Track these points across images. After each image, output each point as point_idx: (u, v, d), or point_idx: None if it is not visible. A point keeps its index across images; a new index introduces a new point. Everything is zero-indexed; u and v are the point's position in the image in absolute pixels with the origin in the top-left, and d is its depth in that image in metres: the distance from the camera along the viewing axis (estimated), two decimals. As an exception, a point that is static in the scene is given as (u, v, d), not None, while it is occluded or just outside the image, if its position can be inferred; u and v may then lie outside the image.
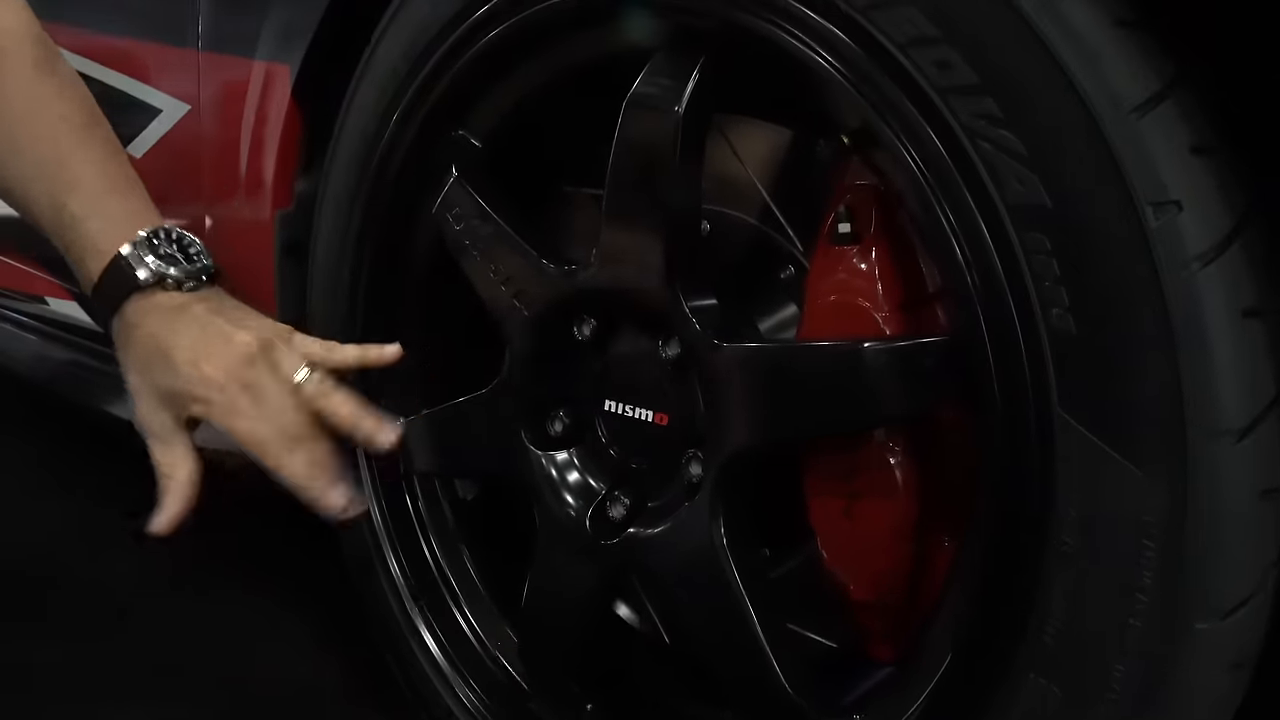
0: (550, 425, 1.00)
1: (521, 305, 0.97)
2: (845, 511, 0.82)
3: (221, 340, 0.90)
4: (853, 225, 0.80)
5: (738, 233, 0.96)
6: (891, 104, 0.70)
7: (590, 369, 0.97)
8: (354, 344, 0.98)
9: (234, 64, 1.19)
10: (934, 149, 0.69)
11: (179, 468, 0.91)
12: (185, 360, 0.89)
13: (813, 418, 0.79)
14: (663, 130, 0.83)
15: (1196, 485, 0.62)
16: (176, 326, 0.90)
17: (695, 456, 0.90)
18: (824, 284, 0.82)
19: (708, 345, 0.84)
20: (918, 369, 0.74)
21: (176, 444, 0.91)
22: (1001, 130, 0.66)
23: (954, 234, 0.69)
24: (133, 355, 0.92)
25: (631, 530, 0.94)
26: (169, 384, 0.90)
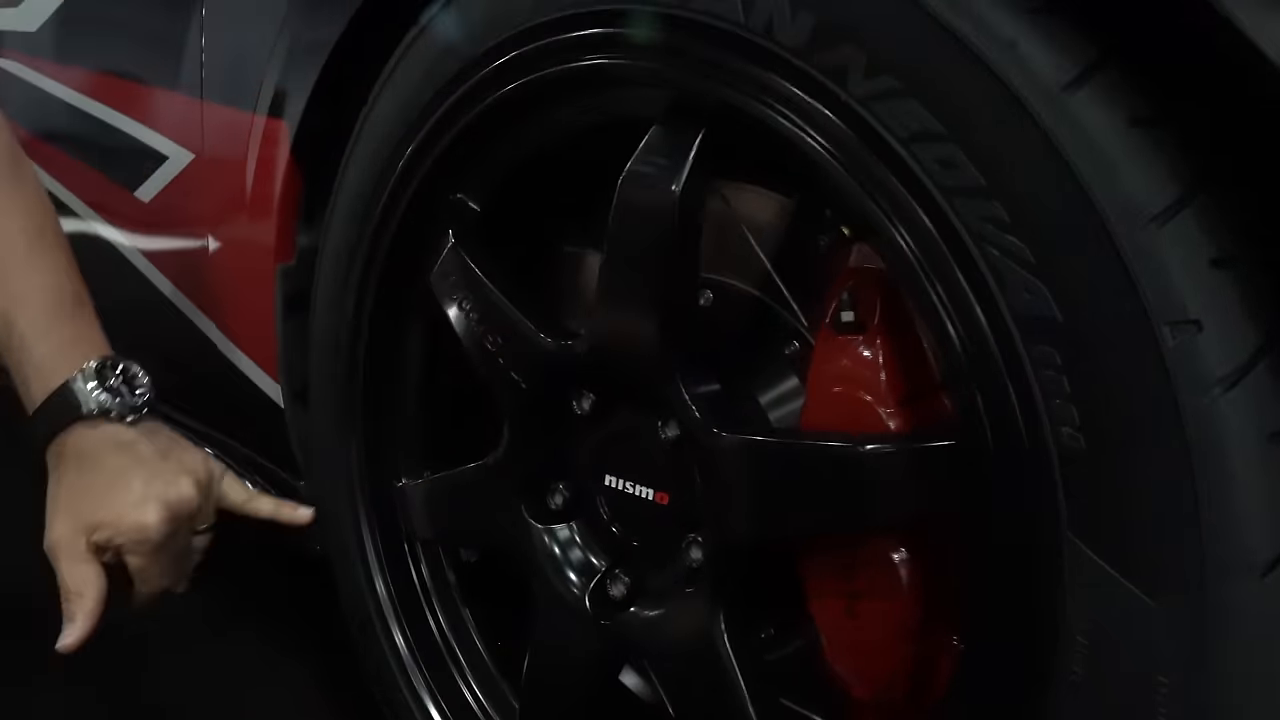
0: (550, 499, 0.97)
1: (519, 378, 0.94)
2: (847, 610, 0.78)
3: (169, 489, 0.97)
4: (856, 313, 0.77)
5: (740, 304, 0.93)
6: (893, 200, 0.66)
7: (590, 443, 0.94)
8: (270, 499, 1.10)
9: (235, 116, 1.18)
10: (938, 250, 0.65)
11: (89, 586, 0.96)
12: (130, 504, 0.95)
13: (811, 516, 0.75)
14: (659, 209, 0.79)
15: (1216, 621, 0.59)
16: (123, 465, 0.95)
17: (696, 541, 0.87)
18: (826, 372, 0.78)
19: (706, 433, 0.81)
20: (921, 472, 0.70)
21: (88, 565, 0.96)
22: (1009, 236, 0.62)
23: (959, 341, 0.65)
24: (67, 481, 0.97)
25: (632, 610, 0.91)
26: (101, 518, 0.95)
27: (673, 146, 0.79)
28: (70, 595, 0.97)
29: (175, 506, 0.97)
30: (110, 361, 0.98)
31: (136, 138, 1.36)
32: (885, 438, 0.73)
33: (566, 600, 0.94)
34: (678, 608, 0.87)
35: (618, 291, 0.84)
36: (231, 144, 1.19)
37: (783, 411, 0.90)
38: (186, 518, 0.99)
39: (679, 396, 0.82)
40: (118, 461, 0.96)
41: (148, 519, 0.96)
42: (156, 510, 0.96)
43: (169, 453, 0.99)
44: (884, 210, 0.67)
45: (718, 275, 0.91)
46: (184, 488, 0.98)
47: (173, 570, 1.01)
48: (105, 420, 0.96)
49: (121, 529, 0.96)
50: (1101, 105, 0.60)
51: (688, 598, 0.86)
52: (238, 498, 1.06)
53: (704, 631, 0.83)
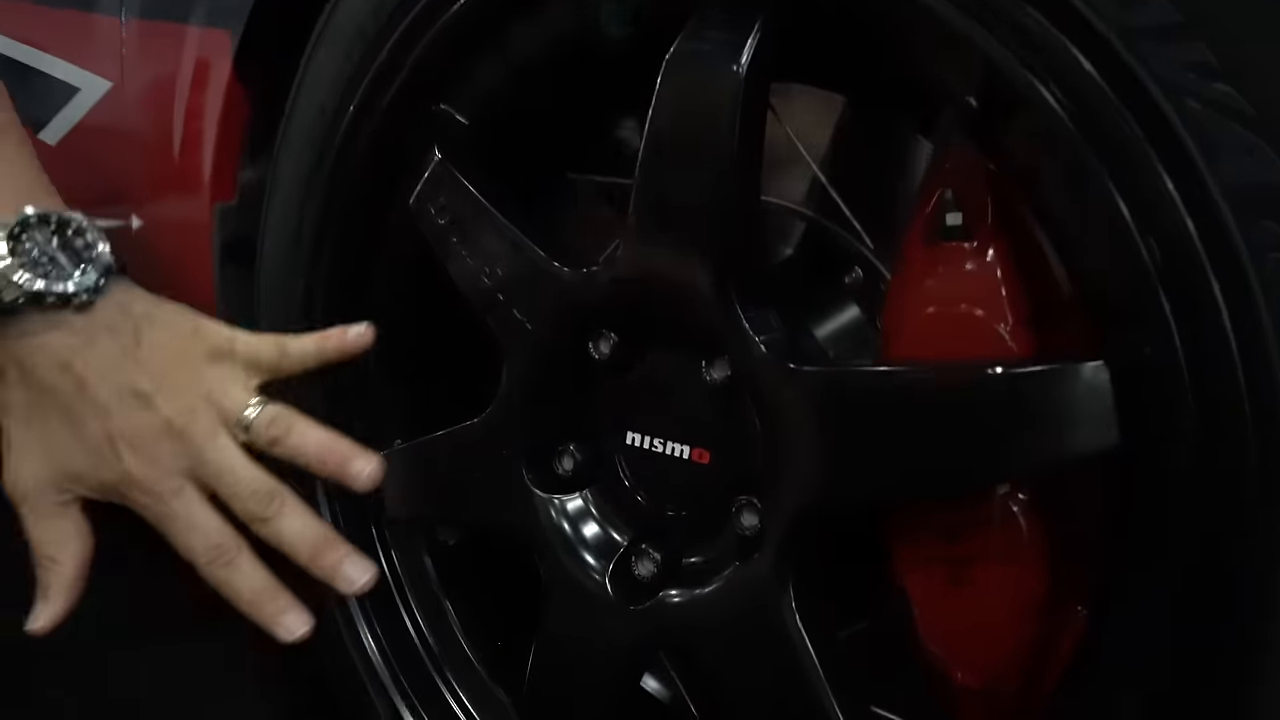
0: (558, 463, 0.82)
1: (524, 318, 0.79)
2: (951, 578, 0.65)
3: (145, 412, 0.68)
4: (964, 216, 0.63)
5: (788, 227, 0.79)
6: (1047, 53, 0.53)
7: (610, 395, 0.79)
8: (308, 333, 0.77)
9: (163, 30, 1.00)
10: (1111, 112, 0.52)
11: (65, 549, 0.71)
12: (101, 441, 0.68)
13: (933, 469, 0.61)
14: (718, 97, 0.65)
15: None
16: (83, 379, 0.68)
17: (750, 504, 0.72)
18: (920, 290, 0.65)
19: (774, 370, 0.67)
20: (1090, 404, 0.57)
21: (63, 519, 0.70)
22: (1217, 84, 0.49)
23: (1137, 231, 0.52)
24: (15, 401, 0.69)
25: (667, 592, 0.76)
26: (76, 466, 0.69)
27: (733, 17, 0.65)
28: (41, 559, 0.71)
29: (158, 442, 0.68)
30: (34, 219, 0.68)
31: (39, 68, 1.17)
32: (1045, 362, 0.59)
33: (582, 585, 0.79)
34: (731, 584, 0.72)
35: (661, 201, 0.69)
36: (158, 65, 1.01)
37: (844, 350, 0.77)
38: (188, 440, 0.70)
39: (735, 325, 0.68)
40: (76, 378, 0.67)
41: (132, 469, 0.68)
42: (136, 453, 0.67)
43: (140, 341, 0.70)
44: (1031, 68, 0.54)
45: (766, 195, 0.77)
46: (163, 407, 0.68)
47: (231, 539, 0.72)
48: (40, 309, 0.67)
49: (109, 484, 0.69)
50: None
51: (743, 572, 0.71)
52: (270, 357, 0.75)
53: (768, 614, 0.69)
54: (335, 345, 0.77)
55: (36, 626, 0.71)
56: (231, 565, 0.71)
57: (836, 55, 0.71)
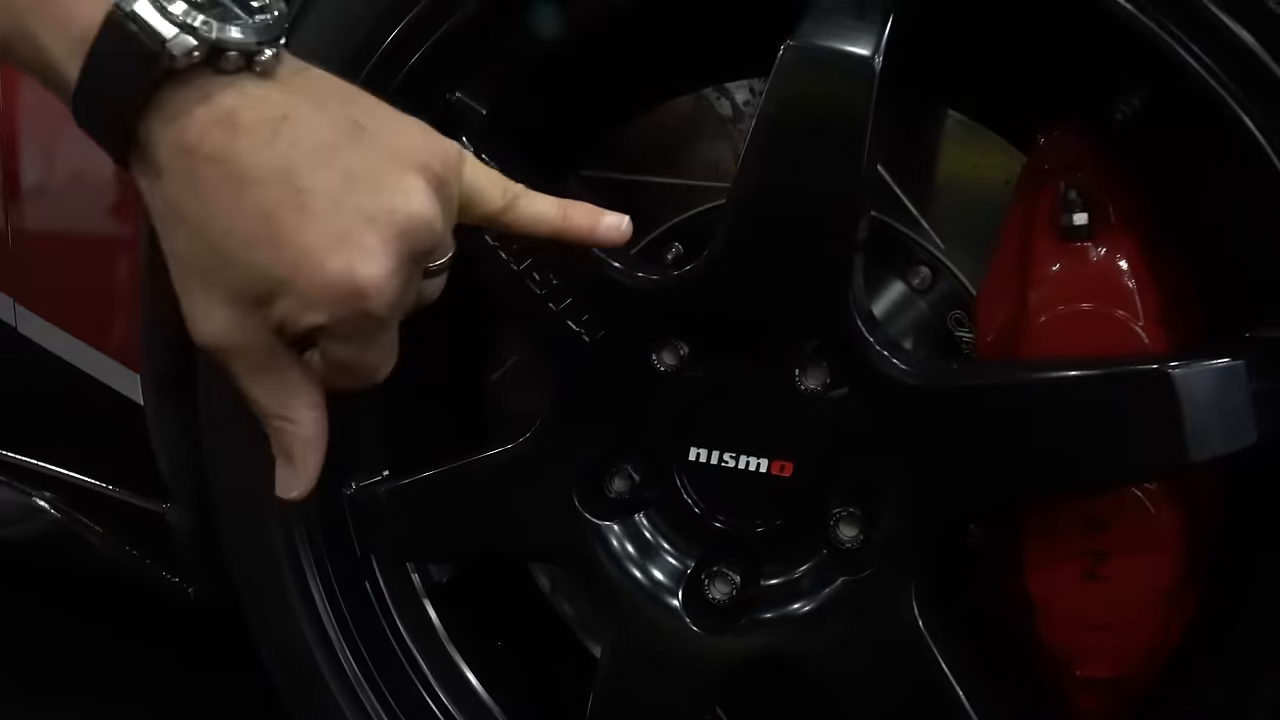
0: (611, 484, 0.75)
1: (581, 328, 0.72)
2: (1087, 573, 0.65)
3: (392, 203, 0.52)
4: (1090, 215, 0.64)
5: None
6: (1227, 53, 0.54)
7: (672, 408, 0.73)
8: (548, 199, 0.63)
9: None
10: None
11: (297, 402, 0.56)
12: (325, 243, 0.51)
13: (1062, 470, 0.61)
14: (848, 86, 0.62)
15: None
16: (288, 165, 0.51)
17: (849, 515, 0.70)
18: (1048, 290, 0.65)
19: (901, 372, 0.64)
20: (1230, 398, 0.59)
21: (290, 370, 0.56)
22: None
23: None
24: (189, 210, 0.52)
25: (753, 615, 0.72)
26: (280, 274, 0.52)
27: (863, 6, 0.62)
28: (271, 421, 0.57)
29: (408, 236, 0.53)
30: None
31: None
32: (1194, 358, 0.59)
33: (650, 615, 0.73)
34: (843, 599, 0.69)
35: (772, 198, 0.65)
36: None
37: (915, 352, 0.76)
38: (426, 253, 0.55)
39: (857, 335, 0.65)
40: (275, 159, 0.51)
41: (365, 270, 0.52)
42: (380, 249, 0.52)
43: (363, 126, 0.54)
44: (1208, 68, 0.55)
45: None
46: (415, 198, 0.53)
47: (392, 347, 0.57)
48: (215, 72, 0.51)
49: (317, 294, 0.52)
50: None
51: (856, 585, 0.69)
52: (491, 200, 0.60)
53: (892, 622, 0.67)
54: (582, 225, 0.63)
55: (291, 495, 0.58)
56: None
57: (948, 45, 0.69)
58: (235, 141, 0.51)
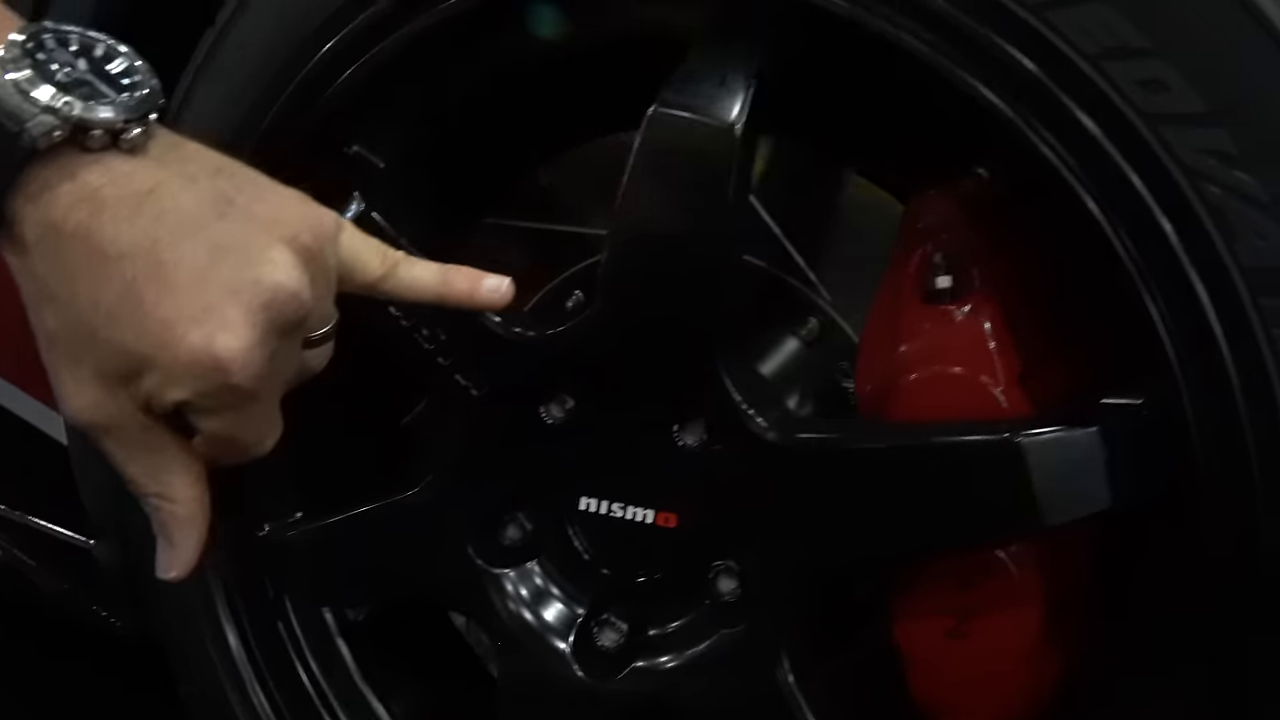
0: (504, 533, 0.77)
1: (468, 382, 0.74)
2: (952, 632, 0.66)
3: (256, 275, 0.52)
4: (954, 278, 0.64)
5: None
6: (1072, 134, 0.55)
7: (560, 458, 0.75)
8: (431, 265, 0.63)
9: None
10: (1132, 192, 0.54)
11: (178, 477, 0.56)
12: (188, 316, 0.51)
13: (934, 534, 0.62)
14: (710, 154, 0.63)
15: None
16: (153, 240, 0.51)
17: (728, 569, 0.71)
18: (911, 353, 0.65)
19: (768, 436, 0.65)
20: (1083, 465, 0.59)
21: (163, 449, 0.56)
22: (1237, 172, 0.52)
23: (1155, 304, 0.55)
24: (54, 288, 0.53)
25: (639, 664, 0.73)
26: (140, 349, 0.52)
27: (725, 71, 0.63)
28: (147, 499, 0.57)
29: (273, 307, 0.53)
30: (50, 34, 0.53)
31: None
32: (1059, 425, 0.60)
33: (541, 662, 0.75)
34: (716, 651, 0.70)
35: (641, 261, 0.66)
36: None
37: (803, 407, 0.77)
38: (294, 324, 0.55)
39: (724, 394, 0.66)
40: (138, 234, 0.51)
41: (225, 343, 0.52)
42: (242, 321, 0.52)
43: (232, 200, 0.54)
44: (1053, 147, 0.55)
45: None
46: (281, 269, 0.53)
47: (270, 420, 0.58)
48: (80, 150, 0.52)
49: (178, 369, 0.52)
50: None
51: (730, 638, 0.70)
52: (371, 269, 0.60)
53: (760, 677, 0.68)
54: (463, 290, 0.63)
55: (170, 575, 0.58)
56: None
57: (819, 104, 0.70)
58: (99, 218, 0.52)
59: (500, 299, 0.64)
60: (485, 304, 0.65)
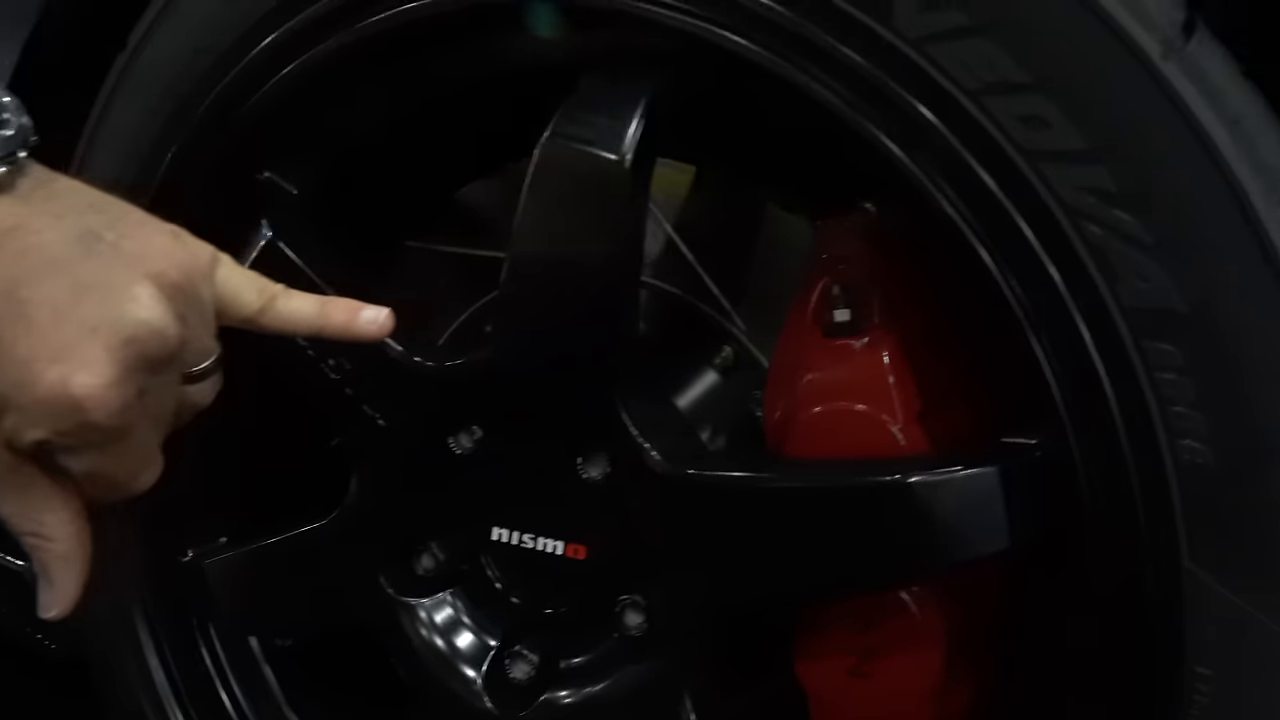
0: (417, 563, 0.76)
1: (375, 413, 0.73)
2: (853, 671, 0.65)
3: (118, 313, 0.52)
4: (852, 311, 0.63)
5: (653, 303, 0.77)
6: (954, 170, 0.53)
7: (472, 488, 0.74)
8: (307, 297, 0.62)
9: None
10: (1015, 230, 0.52)
11: (54, 517, 0.55)
12: (45, 357, 0.51)
13: (830, 573, 0.61)
14: (600, 186, 0.62)
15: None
16: (13, 279, 0.51)
17: (634, 604, 0.70)
18: (810, 387, 0.64)
19: (664, 473, 0.64)
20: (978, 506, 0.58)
21: (34, 488, 0.55)
22: (1117, 211, 0.51)
23: (1039, 344, 0.53)
24: None
25: (549, 697, 0.72)
26: None
27: (614, 101, 0.62)
28: (25, 539, 0.56)
29: (135, 344, 0.53)
30: None
31: None
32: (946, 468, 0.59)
33: (452, 694, 0.74)
34: (620, 687, 0.69)
35: (535, 289, 0.65)
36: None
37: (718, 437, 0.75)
38: (161, 361, 0.54)
39: (621, 428, 0.65)
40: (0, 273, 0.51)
41: (82, 380, 0.51)
42: (101, 358, 0.52)
43: (100, 237, 0.53)
44: (941, 185, 0.54)
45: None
46: (144, 305, 0.53)
47: (144, 457, 0.57)
48: None
49: (36, 408, 0.52)
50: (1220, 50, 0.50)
51: (633, 673, 0.69)
52: (247, 303, 0.60)
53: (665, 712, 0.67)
54: (339, 322, 0.62)
55: (50, 614, 0.57)
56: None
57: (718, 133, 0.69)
58: None
59: (378, 329, 0.63)
60: (363, 335, 0.63)
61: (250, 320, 0.61)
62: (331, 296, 0.64)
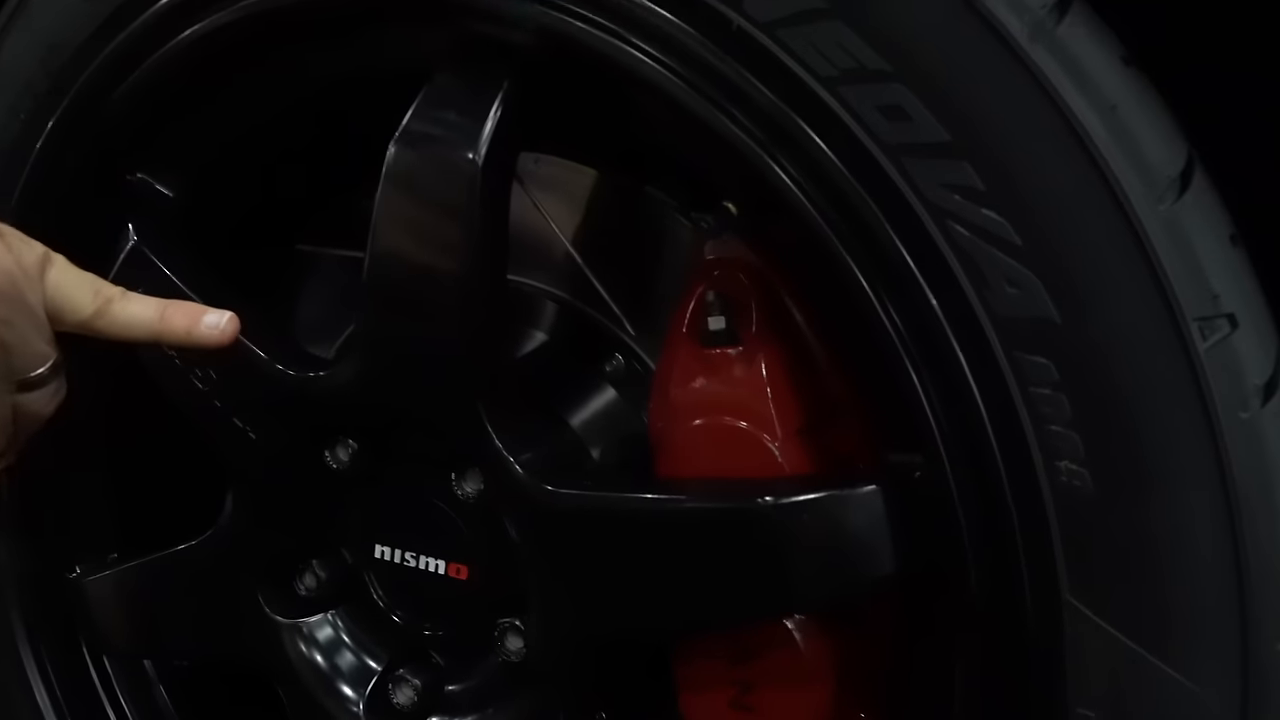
0: (298, 582, 0.72)
1: (245, 425, 0.69)
2: (733, 703, 0.60)
3: None
4: (728, 320, 0.58)
5: (541, 309, 0.73)
6: (811, 166, 0.49)
7: (353, 504, 0.70)
8: (148, 301, 0.60)
9: None
10: (878, 231, 0.48)
11: None
12: None
13: (694, 604, 0.56)
14: (452, 186, 0.57)
15: (1260, 700, 0.46)
16: None
17: (513, 627, 0.66)
18: (686, 399, 0.60)
19: (529, 490, 0.60)
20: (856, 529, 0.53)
21: None
22: (985, 210, 0.46)
23: (906, 355, 0.49)
24: None
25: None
26: None
27: (467, 98, 0.57)
28: None
29: None
30: None
31: None
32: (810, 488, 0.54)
33: (333, 718, 0.70)
34: (499, 715, 0.65)
35: (392, 297, 0.61)
36: None
37: (607, 446, 0.71)
38: None
39: (488, 444, 0.61)
40: None
41: None
42: None
43: None
44: (797, 180, 0.49)
45: (511, 275, 0.70)
46: None
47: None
48: None
49: None
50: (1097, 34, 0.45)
51: (512, 701, 0.65)
52: (80, 306, 0.58)
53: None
54: (179, 328, 0.60)
55: None
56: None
57: (590, 132, 0.64)
58: None
59: (220, 336, 0.60)
60: (204, 341, 0.61)
61: (85, 324, 0.59)
62: (173, 301, 0.61)
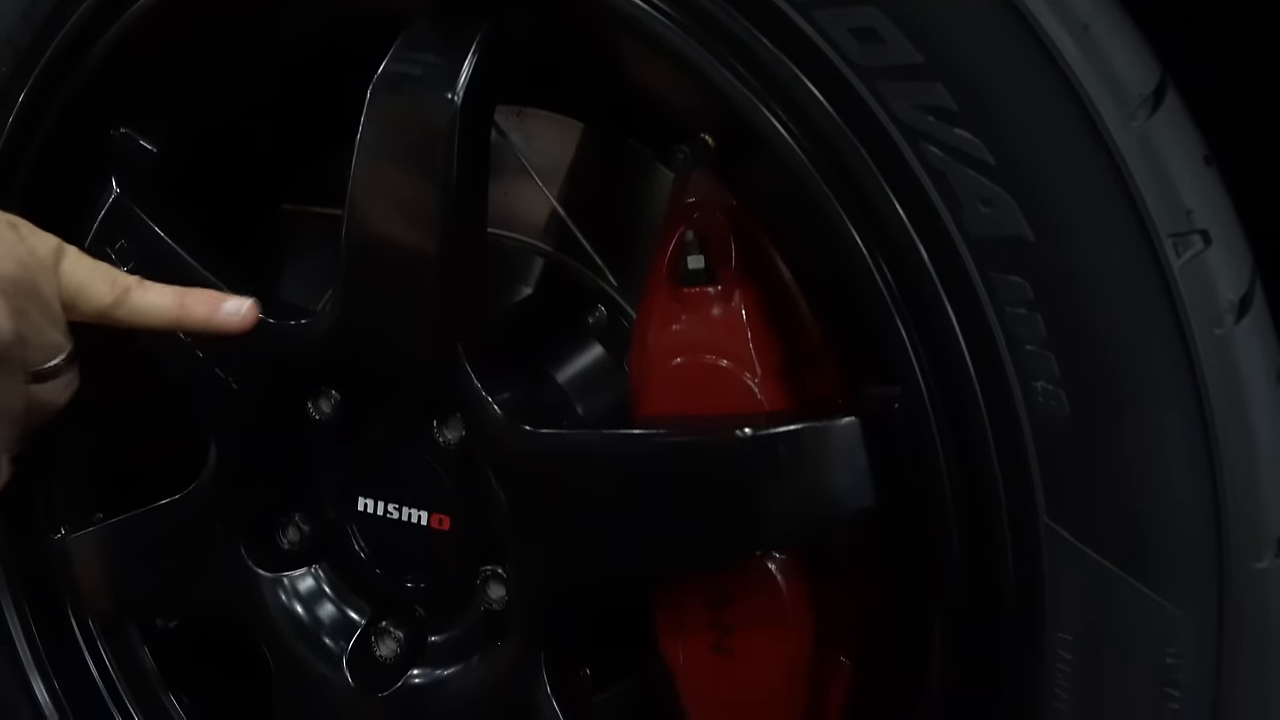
0: (281, 536, 0.72)
1: (227, 375, 0.69)
2: (714, 647, 0.60)
3: None
4: (706, 259, 0.58)
5: (525, 263, 0.73)
6: (784, 91, 0.49)
7: (336, 457, 0.70)
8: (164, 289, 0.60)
9: None
10: (852, 156, 0.48)
11: None
12: None
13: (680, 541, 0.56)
14: (431, 128, 0.57)
15: (1237, 619, 0.46)
16: None
17: (495, 575, 0.66)
18: (664, 339, 0.60)
19: (507, 431, 0.60)
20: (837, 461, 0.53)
21: None
22: (958, 130, 0.46)
23: (882, 280, 0.49)
24: None
25: (414, 675, 0.68)
26: None
27: (445, 40, 0.57)
28: None
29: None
30: None
31: None
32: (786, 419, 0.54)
33: (316, 673, 0.70)
34: (481, 663, 0.65)
35: (372, 245, 0.61)
36: None
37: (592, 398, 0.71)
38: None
39: (465, 381, 0.61)
40: None
41: None
42: None
43: None
44: (770, 106, 0.49)
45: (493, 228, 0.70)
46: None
47: None
48: None
49: None
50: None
51: (493, 652, 0.65)
52: (98, 296, 0.58)
53: (522, 690, 0.63)
54: (200, 315, 0.60)
55: None
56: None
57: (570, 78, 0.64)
58: None
59: (241, 322, 0.61)
60: (224, 327, 0.62)
61: (103, 314, 0.60)
62: (191, 289, 0.62)
